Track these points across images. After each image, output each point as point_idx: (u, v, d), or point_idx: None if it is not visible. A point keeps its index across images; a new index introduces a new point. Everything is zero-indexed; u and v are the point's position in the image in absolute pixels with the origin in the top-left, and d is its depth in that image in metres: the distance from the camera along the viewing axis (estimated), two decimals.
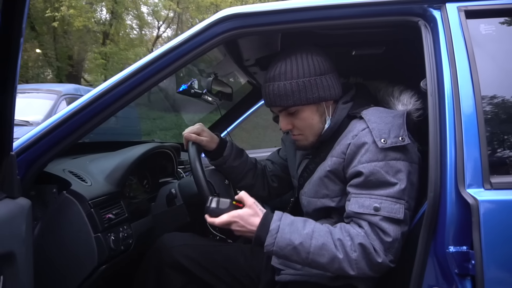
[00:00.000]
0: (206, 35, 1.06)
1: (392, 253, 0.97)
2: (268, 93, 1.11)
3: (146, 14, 15.85)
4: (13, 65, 0.70)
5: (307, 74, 1.08)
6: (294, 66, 1.08)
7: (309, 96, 1.07)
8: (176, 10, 15.16)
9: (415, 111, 1.09)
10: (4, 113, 0.75)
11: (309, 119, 1.11)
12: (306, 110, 1.10)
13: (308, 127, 1.12)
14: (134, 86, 1.04)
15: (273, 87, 1.09)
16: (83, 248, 1.11)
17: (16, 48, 0.69)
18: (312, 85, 1.08)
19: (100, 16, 14.50)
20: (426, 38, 1.00)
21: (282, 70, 1.09)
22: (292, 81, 1.07)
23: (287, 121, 1.13)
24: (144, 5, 15.15)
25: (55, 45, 13.20)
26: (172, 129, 10.06)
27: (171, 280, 1.25)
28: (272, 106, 1.13)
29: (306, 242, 0.97)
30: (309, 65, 1.08)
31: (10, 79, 0.71)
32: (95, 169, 1.32)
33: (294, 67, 1.08)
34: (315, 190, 1.12)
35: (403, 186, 0.97)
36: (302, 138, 1.15)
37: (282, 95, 1.07)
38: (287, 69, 1.08)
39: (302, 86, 1.07)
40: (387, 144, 0.98)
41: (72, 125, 1.02)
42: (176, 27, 16.97)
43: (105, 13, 14.52)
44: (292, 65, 1.08)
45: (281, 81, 1.08)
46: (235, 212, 1.02)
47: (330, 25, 1.11)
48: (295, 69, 1.08)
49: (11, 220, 0.74)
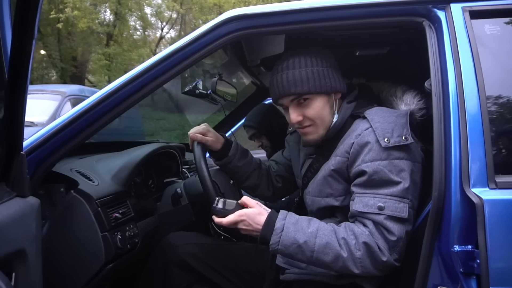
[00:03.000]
0: (212, 35, 1.07)
1: (396, 252, 0.97)
2: (281, 82, 1.10)
3: (149, 15, 15.92)
4: (25, 68, 0.72)
5: (320, 64, 1.10)
6: (307, 58, 1.10)
7: (323, 84, 1.08)
8: (179, 11, 15.22)
9: (418, 110, 1.10)
10: (16, 113, 0.77)
11: (320, 110, 1.10)
12: (318, 100, 1.10)
13: (319, 117, 1.11)
14: (142, 86, 1.05)
15: (287, 75, 1.09)
16: (90, 247, 1.13)
17: (28, 51, 0.70)
18: (325, 74, 1.09)
19: (104, 17, 14.57)
20: (431, 38, 1.00)
21: (295, 60, 1.10)
22: (307, 69, 1.08)
23: (298, 112, 1.11)
24: (148, 6, 15.21)
25: (59, 47, 13.28)
26: (176, 129, 10.08)
27: (177, 279, 1.26)
28: (284, 96, 1.11)
29: (311, 241, 0.98)
30: (318, 58, 1.11)
31: (22, 82, 0.72)
32: (101, 168, 1.33)
33: (307, 58, 1.10)
34: (319, 189, 1.12)
35: (406, 185, 0.97)
36: (312, 130, 1.13)
37: (298, 81, 1.08)
38: (301, 59, 1.10)
39: (316, 74, 1.08)
40: (390, 143, 0.98)
41: (81, 125, 1.04)
42: (179, 28, 17.03)
43: (109, 14, 14.60)
44: (304, 57, 1.10)
45: (296, 69, 1.09)
46: (242, 211, 1.03)
47: (335, 26, 1.12)
48: (308, 59, 1.10)
49: (22, 219, 0.75)
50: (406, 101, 1.12)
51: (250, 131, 2.22)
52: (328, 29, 1.18)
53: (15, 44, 0.68)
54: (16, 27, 0.66)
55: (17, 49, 0.69)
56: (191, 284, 1.27)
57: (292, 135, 1.39)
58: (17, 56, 0.69)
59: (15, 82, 0.72)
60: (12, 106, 0.75)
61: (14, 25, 0.66)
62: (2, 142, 0.79)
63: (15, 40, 0.67)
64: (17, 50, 0.69)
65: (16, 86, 0.72)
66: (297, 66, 1.09)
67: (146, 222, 1.39)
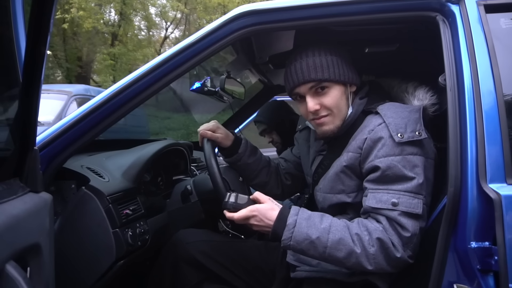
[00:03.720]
0: (222, 32, 1.06)
1: (410, 249, 0.96)
2: (300, 68, 1.08)
3: (154, 15, 15.98)
4: (39, 66, 0.72)
5: (337, 54, 1.10)
6: (326, 46, 1.10)
7: (341, 73, 1.08)
8: (183, 11, 15.26)
9: (431, 106, 1.09)
10: (30, 109, 0.77)
11: (338, 99, 1.09)
12: (336, 89, 1.09)
13: (337, 106, 1.09)
14: (153, 82, 1.05)
15: (307, 61, 1.08)
16: (101, 243, 1.13)
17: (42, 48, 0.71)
18: (343, 63, 1.10)
19: (109, 17, 14.65)
20: (445, 33, 0.99)
21: (315, 48, 1.10)
22: (327, 57, 1.08)
23: (315, 101, 1.09)
24: (152, 6, 15.26)
25: (65, 47, 13.36)
26: (180, 129, 10.10)
27: (187, 276, 1.26)
28: (303, 83, 1.08)
29: (324, 237, 0.97)
30: (334, 49, 1.11)
31: (36, 80, 0.73)
32: (112, 165, 1.33)
33: (326, 47, 1.10)
34: (330, 186, 1.11)
35: (420, 180, 0.96)
36: (328, 120, 1.10)
37: (318, 67, 1.07)
38: (320, 48, 1.10)
39: (335, 62, 1.08)
40: (404, 138, 0.97)
41: (92, 121, 1.04)
42: (184, 28, 17.07)
43: (113, 15, 14.67)
44: (323, 46, 1.10)
45: (316, 56, 1.08)
46: (254, 206, 1.03)
47: (346, 21, 1.10)
48: (327, 49, 1.10)
49: (36, 214, 0.75)
50: (418, 97, 1.11)
51: (261, 127, 2.22)
52: (339, 24, 1.17)
53: (30, 41, 0.68)
54: (31, 24, 0.66)
55: (32, 46, 0.69)
56: (201, 281, 1.26)
57: (301, 132, 1.38)
58: (31, 53, 0.70)
59: (29, 80, 0.73)
60: (26, 103, 0.75)
61: (29, 22, 0.66)
62: (16, 138, 0.80)
63: (29, 37, 0.68)
64: (31, 47, 0.69)
65: (30, 84, 0.73)
66: (316, 54, 1.09)
67: (156, 219, 1.39)
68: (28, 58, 0.71)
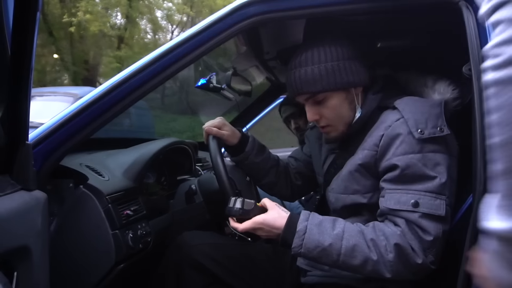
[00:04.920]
0: (229, 20, 1.00)
1: (432, 254, 0.89)
2: (294, 80, 1.04)
3: (160, 18, 16.06)
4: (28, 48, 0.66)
5: (335, 58, 1.02)
6: (321, 51, 1.03)
7: (338, 81, 1.01)
8: (189, 14, 15.31)
9: (453, 100, 1.01)
10: (21, 100, 0.71)
11: (338, 108, 1.04)
12: (334, 97, 1.03)
13: (337, 116, 1.05)
14: (155, 74, 0.99)
15: (299, 72, 1.03)
16: (100, 246, 1.07)
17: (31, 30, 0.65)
18: (341, 69, 1.02)
19: (115, 20, 14.75)
20: (468, 19, 0.92)
21: (308, 56, 1.03)
22: (320, 65, 1.01)
23: (314, 111, 1.06)
24: (158, 9, 15.35)
25: (72, 50, 13.47)
26: (186, 131, 10.09)
27: (191, 280, 1.19)
28: (298, 95, 1.06)
29: (337, 243, 0.90)
30: (336, 50, 1.03)
31: (26, 67, 0.67)
32: (112, 163, 1.28)
33: (322, 52, 1.03)
34: (344, 186, 1.04)
35: (443, 180, 0.89)
36: (330, 129, 1.08)
37: (310, 80, 1.01)
38: (314, 54, 1.03)
39: (330, 70, 1.01)
40: (424, 135, 0.90)
41: (90, 115, 0.97)
42: None
43: (120, 18, 14.77)
44: (318, 50, 1.03)
45: (308, 66, 1.02)
46: (259, 218, 0.96)
47: (359, 9, 1.03)
48: (322, 54, 1.02)
49: (26, 213, 0.69)
50: (439, 90, 1.03)
51: (288, 110, 2.13)
52: (351, 13, 1.10)
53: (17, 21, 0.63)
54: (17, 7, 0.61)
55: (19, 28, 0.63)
56: (206, 286, 1.19)
57: (313, 130, 1.32)
58: (19, 34, 0.64)
59: (19, 69, 0.67)
60: (16, 93, 0.70)
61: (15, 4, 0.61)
62: (6, 132, 0.74)
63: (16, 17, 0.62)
64: (19, 29, 0.63)
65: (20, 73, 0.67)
66: (309, 63, 1.02)
67: (158, 220, 1.33)
68: (16, 44, 0.65)
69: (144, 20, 15.47)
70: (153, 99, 10.45)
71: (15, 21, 0.63)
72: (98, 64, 15.34)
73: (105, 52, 14.68)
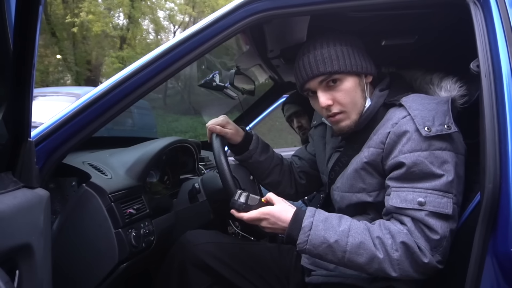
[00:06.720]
0: (234, 17, 0.99)
1: (439, 253, 0.87)
2: (308, 63, 1.02)
3: (162, 18, 16.09)
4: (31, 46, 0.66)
5: (349, 43, 1.03)
6: (336, 36, 1.04)
7: (353, 63, 1.01)
8: (191, 14, 15.32)
9: (460, 97, 1.00)
10: (23, 98, 0.71)
11: (351, 92, 1.01)
12: (349, 81, 1.01)
13: (351, 101, 1.02)
14: (158, 72, 0.97)
15: (314, 54, 1.01)
16: (103, 245, 1.05)
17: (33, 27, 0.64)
18: (355, 53, 1.02)
19: (118, 21, 14.79)
20: (477, 16, 0.91)
21: (323, 40, 1.03)
22: (336, 47, 1.01)
23: (328, 96, 1.01)
24: (160, 9, 15.37)
25: (74, 51, 13.52)
26: (188, 132, 10.10)
27: (195, 280, 1.18)
28: (312, 78, 1.01)
29: (342, 240, 0.89)
30: (346, 38, 1.04)
31: (28, 66, 0.67)
32: (115, 162, 1.26)
33: (336, 37, 1.04)
34: (349, 184, 1.03)
35: (450, 178, 0.88)
36: (343, 117, 1.03)
37: (327, 59, 1.00)
38: (329, 39, 1.03)
39: (346, 52, 1.01)
40: (431, 132, 0.89)
41: (93, 113, 0.96)
42: None
43: (122, 18, 14.81)
44: (333, 36, 1.04)
45: (324, 48, 1.01)
46: (266, 209, 0.95)
47: (365, 5, 1.02)
48: (336, 39, 1.03)
49: (28, 211, 0.68)
50: (446, 88, 1.02)
51: (291, 109, 2.11)
52: (357, 9, 1.09)
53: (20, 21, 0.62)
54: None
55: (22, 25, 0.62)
56: (210, 286, 1.18)
57: (317, 128, 1.30)
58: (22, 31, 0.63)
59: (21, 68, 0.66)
60: (19, 91, 0.69)
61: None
62: (9, 129, 0.73)
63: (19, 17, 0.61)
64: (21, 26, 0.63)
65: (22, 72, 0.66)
66: (325, 45, 1.02)
67: (162, 219, 1.31)
68: (19, 42, 0.65)
69: (146, 21, 15.52)
70: (155, 99, 10.46)
71: (17, 15, 0.63)
72: (100, 65, 15.38)
73: (107, 52, 14.72)
